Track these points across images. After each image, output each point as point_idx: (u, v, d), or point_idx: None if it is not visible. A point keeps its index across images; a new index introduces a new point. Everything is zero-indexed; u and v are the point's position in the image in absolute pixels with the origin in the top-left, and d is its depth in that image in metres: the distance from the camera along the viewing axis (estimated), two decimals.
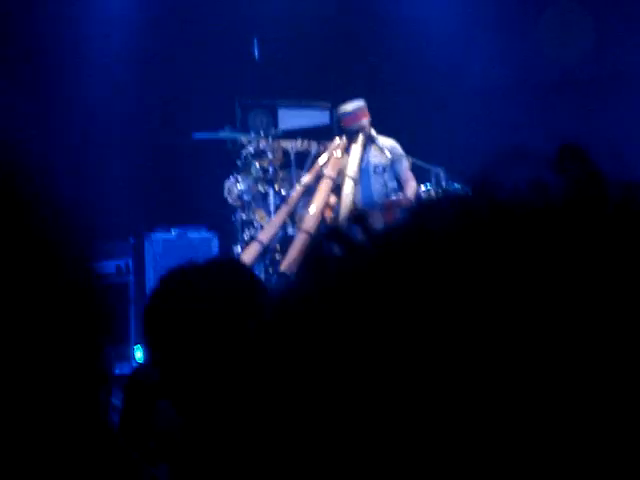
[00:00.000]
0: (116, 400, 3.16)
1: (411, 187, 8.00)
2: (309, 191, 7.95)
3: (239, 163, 8.05)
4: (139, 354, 7.99)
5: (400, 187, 8.07)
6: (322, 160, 8.13)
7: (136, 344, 8.11)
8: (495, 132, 9.47)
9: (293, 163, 8.35)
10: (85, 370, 0.79)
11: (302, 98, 9.62)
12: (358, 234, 0.60)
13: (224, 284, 1.94)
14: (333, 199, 7.86)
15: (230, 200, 7.92)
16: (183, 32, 9.39)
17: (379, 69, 9.57)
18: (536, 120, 9.64)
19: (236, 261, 2.17)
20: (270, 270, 7.56)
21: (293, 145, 8.41)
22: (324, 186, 7.86)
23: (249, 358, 0.59)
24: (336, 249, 0.60)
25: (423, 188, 7.64)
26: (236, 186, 7.86)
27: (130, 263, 8.48)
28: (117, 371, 7.28)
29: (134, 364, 7.71)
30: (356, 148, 8.03)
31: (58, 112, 9.21)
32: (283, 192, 7.96)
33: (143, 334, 1.99)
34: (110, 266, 8.42)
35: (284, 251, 7.63)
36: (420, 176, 7.98)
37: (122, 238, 8.54)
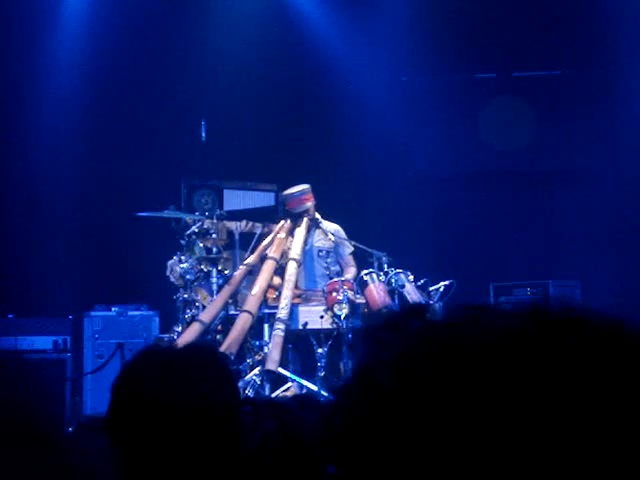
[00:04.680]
0: None
1: (351, 271, 8.07)
2: (252, 272, 7.97)
3: (183, 242, 8.05)
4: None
5: (342, 271, 8.14)
6: (266, 241, 8.17)
7: (70, 426, 7.95)
8: (437, 219, 9.63)
9: (237, 244, 8.38)
10: None
11: (248, 180, 9.70)
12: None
13: (199, 373, 1.92)
14: (276, 280, 7.89)
15: (172, 279, 7.89)
16: (131, 111, 9.45)
17: (325, 154, 9.71)
18: (475, 208, 9.84)
19: (212, 349, 2.14)
20: None
21: (238, 226, 8.46)
22: (267, 267, 7.89)
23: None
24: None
25: (365, 272, 7.70)
26: (179, 265, 7.85)
27: (68, 340, 8.38)
28: None
29: None
30: (300, 231, 8.10)
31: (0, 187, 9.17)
32: (226, 272, 7.96)
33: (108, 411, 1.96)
34: (47, 341, 8.30)
35: (226, 331, 7.61)
36: (363, 261, 8.06)
37: (62, 314, 8.45)
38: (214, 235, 8.00)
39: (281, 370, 7.33)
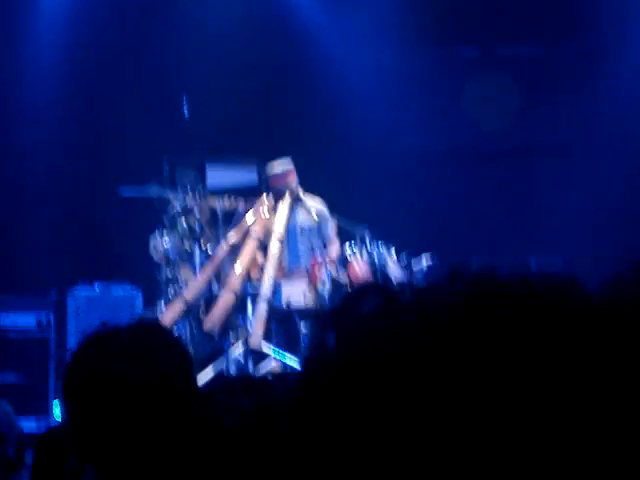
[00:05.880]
0: (28, 459, 3.12)
1: (334, 248, 8.08)
2: (235, 250, 7.96)
3: (165, 220, 8.03)
4: (57, 410, 7.85)
5: (326, 247, 8.14)
6: (249, 219, 8.16)
7: (55, 399, 7.97)
8: (419, 194, 9.65)
9: (220, 221, 8.36)
10: None
11: (231, 156, 9.66)
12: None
13: (147, 348, 1.93)
14: (259, 258, 7.89)
15: (155, 257, 7.88)
16: (113, 87, 9.40)
17: (309, 128, 9.69)
18: (458, 183, 9.85)
19: (159, 324, 2.16)
20: (194, 328, 7.53)
21: (220, 203, 8.43)
22: (250, 245, 7.88)
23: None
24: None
25: (347, 248, 7.71)
26: (162, 243, 7.83)
27: (52, 317, 8.36)
28: (35, 425, 7.15)
29: (52, 419, 7.58)
30: (283, 208, 8.09)
31: None
32: (209, 250, 7.95)
33: (61, 393, 1.98)
34: (31, 320, 8.28)
35: (208, 309, 7.61)
36: (345, 236, 8.06)
37: (45, 291, 8.42)
38: (197, 213, 7.99)
39: (264, 348, 7.34)
